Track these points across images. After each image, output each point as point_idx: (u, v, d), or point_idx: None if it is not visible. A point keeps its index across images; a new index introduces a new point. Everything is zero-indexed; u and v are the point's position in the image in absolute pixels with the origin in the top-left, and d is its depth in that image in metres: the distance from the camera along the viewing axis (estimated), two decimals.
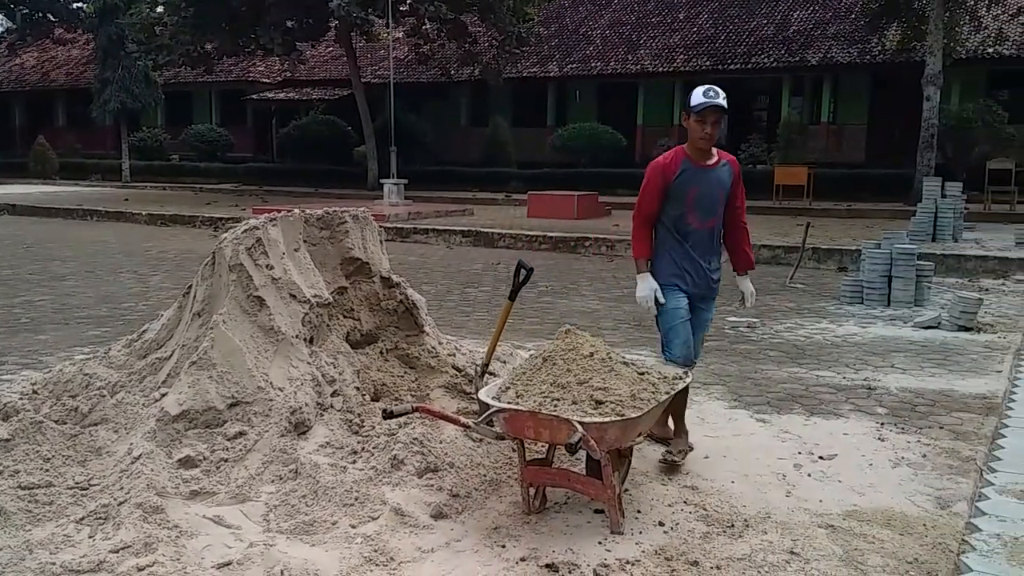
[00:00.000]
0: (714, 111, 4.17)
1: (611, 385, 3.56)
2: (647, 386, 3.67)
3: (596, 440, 3.32)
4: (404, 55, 28.07)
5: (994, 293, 9.73)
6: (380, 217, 16.39)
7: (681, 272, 4.38)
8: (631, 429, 3.49)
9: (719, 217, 4.43)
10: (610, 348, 3.91)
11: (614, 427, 3.39)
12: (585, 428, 3.29)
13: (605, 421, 3.37)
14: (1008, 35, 22.42)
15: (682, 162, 4.32)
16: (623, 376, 3.66)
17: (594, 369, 3.63)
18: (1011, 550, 3.48)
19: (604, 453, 3.38)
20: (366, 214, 4.86)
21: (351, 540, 3.30)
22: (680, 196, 4.32)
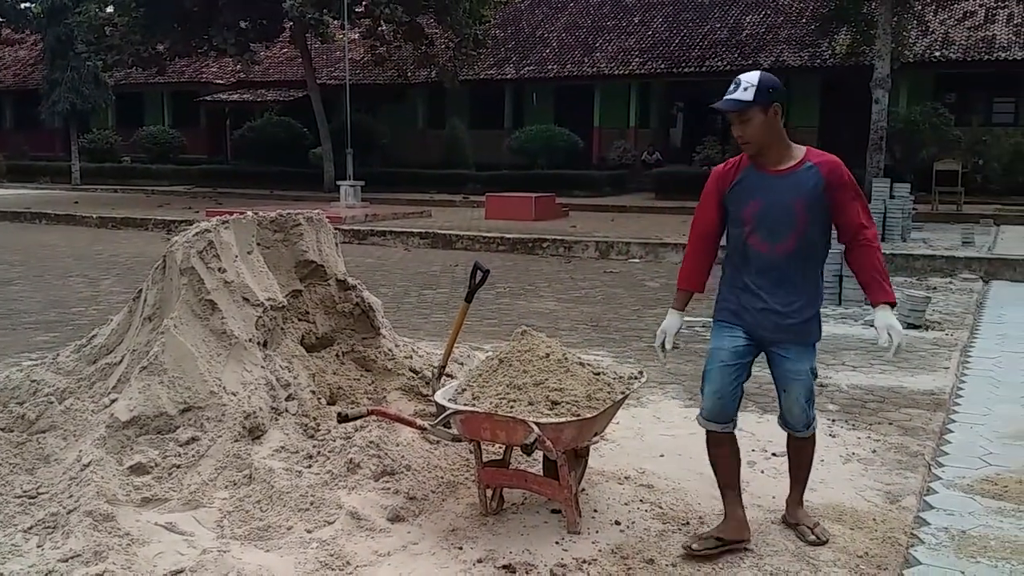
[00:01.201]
0: (729, 112, 3.34)
1: (567, 386, 3.57)
2: (602, 386, 3.69)
3: (552, 441, 3.33)
4: (360, 57, 27.92)
5: (941, 291, 9.95)
6: (336, 219, 16.27)
7: (737, 307, 3.49)
8: (587, 429, 3.50)
9: (803, 238, 3.35)
10: (566, 349, 3.93)
11: (570, 427, 3.40)
12: (541, 429, 3.30)
13: (561, 422, 3.38)
14: (954, 39, 22.98)
15: (745, 167, 3.44)
16: (579, 377, 3.67)
17: (550, 370, 3.64)
18: (958, 543, 3.57)
19: (560, 453, 3.40)
20: (321, 216, 4.83)
21: (306, 545, 3.27)
22: (737, 210, 3.43)
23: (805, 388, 3.49)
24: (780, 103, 3.33)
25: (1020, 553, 3.47)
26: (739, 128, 3.33)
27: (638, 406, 5.38)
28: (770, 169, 3.37)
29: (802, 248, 3.37)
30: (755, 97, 3.26)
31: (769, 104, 3.28)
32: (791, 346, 3.45)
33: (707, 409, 3.49)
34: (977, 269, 11.12)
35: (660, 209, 20.01)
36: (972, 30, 23.22)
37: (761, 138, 3.31)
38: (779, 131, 3.35)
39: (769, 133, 3.32)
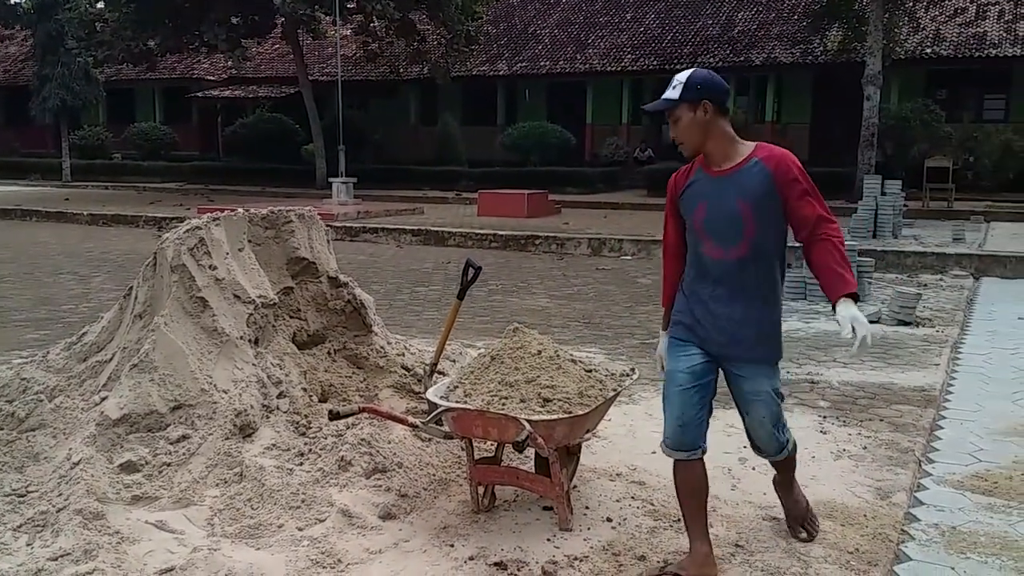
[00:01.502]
0: (664, 112, 3.14)
1: (559, 383, 3.57)
2: (594, 383, 3.70)
3: (544, 438, 3.32)
4: (352, 53, 27.86)
5: (932, 288, 9.98)
6: (329, 216, 16.24)
7: (691, 320, 3.23)
8: (579, 426, 3.50)
9: (755, 241, 3.09)
10: (558, 346, 3.93)
11: (562, 424, 3.40)
12: (533, 426, 3.30)
13: (553, 419, 3.38)
14: (946, 36, 23.03)
15: (696, 170, 3.21)
16: (570, 374, 3.68)
17: (542, 367, 3.65)
18: (949, 539, 3.58)
19: (552, 451, 3.40)
20: (312, 213, 4.81)
21: (297, 543, 3.27)
22: (688, 216, 3.21)
23: (769, 411, 3.22)
24: (714, 99, 3.07)
25: (1010, 549, 3.49)
26: (672, 129, 3.15)
27: (630, 403, 5.38)
28: (714, 170, 3.14)
29: (756, 253, 3.10)
30: (681, 95, 3.06)
31: (698, 101, 3.04)
32: (745, 364, 3.18)
33: (669, 437, 3.17)
34: (967, 266, 11.15)
35: (652, 206, 19.99)
36: (963, 27, 23.28)
37: (692, 137, 3.10)
38: (717, 129, 3.09)
39: (702, 132, 3.08)
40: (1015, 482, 4.18)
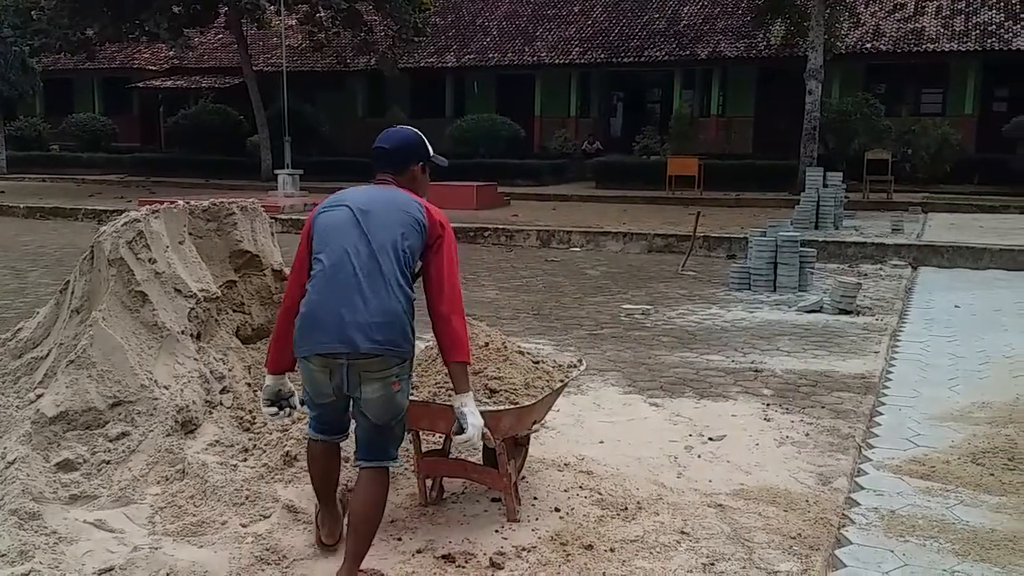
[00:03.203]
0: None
1: (505, 374, 3.59)
2: (541, 374, 3.72)
3: (491, 429, 3.27)
4: (298, 43, 27.44)
5: (872, 278, 10.21)
6: (275, 208, 16.02)
7: None
8: (525, 417, 3.52)
9: None
10: (506, 338, 3.93)
11: (508, 415, 3.41)
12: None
13: (499, 410, 3.39)
14: (885, 31, 23.53)
15: None
16: (517, 365, 3.70)
17: (488, 359, 3.66)
18: (888, 523, 3.67)
19: (500, 442, 3.40)
20: (255, 205, 4.73)
21: (241, 539, 3.22)
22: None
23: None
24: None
25: (947, 531, 3.58)
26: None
27: (578, 393, 5.41)
28: None
29: None
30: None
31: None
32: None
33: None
34: (906, 256, 11.41)
35: (601, 198, 20.12)
36: (902, 22, 23.79)
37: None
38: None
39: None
40: (952, 466, 4.30)
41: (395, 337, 2.83)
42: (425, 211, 3.02)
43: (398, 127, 3.34)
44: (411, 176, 3.18)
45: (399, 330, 2.84)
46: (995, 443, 4.59)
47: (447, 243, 3.01)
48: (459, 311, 2.99)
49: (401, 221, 2.94)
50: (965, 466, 4.29)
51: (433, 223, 3.00)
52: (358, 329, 2.78)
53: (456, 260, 3.05)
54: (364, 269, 2.83)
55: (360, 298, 2.80)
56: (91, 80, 32.44)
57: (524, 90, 27.35)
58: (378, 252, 2.85)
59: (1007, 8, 23.08)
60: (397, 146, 3.17)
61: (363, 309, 2.79)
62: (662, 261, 11.70)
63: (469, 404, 2.95)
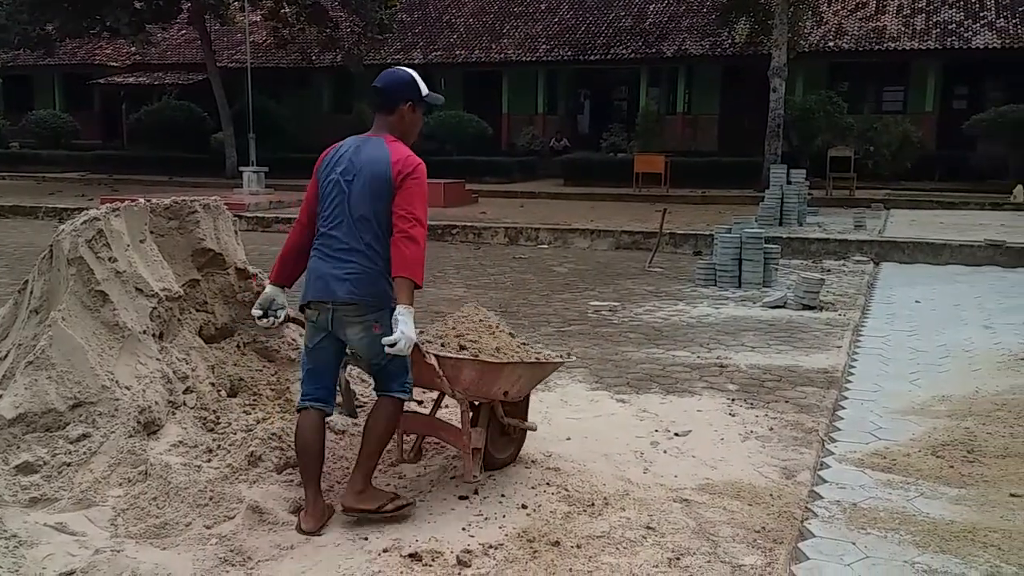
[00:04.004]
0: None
1: (483, 340, 3.85)
2: (517, 348, 3.93)
3: (451, 379, 3.54)
4: (262, 39, 27.20)
5: (835, 273, 10.34)
6: (239, 206, 15.87)
7: None
8: (488, 376, 3.62)
9: None
10: (501, 322, 4.18)
11: (469, 367, 3.57)
12: (440, 362, 3.51)
13: (459, 357, 3.58)
14: (847, 29, 23.82)
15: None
16: (499, 338, 3.93)
17: (475, 330, 3.94)
18: (850, 515, 3.72)
19: (461, 396, 3.59)
20: (218, 203, 4.68)
21: (205, 541, 3.19)
22: None
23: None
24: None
25: (907, 523, 3.64)
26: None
27: (545, 390, 5.42)
28: None
29: None
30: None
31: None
32: None
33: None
34: (868, 251, 11.57)
35: (568, 195, 20.18)
36: (864, 21, 24.11)
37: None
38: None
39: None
40: (912, 459, 4.36)
41: (369, 289, 3.36)
42: (391, 165, 3.41)
43: (396, 68, 3.69)
44: (400, 115, 3.55)
45: (372, 284, 3.37)
46: (954, 436, 4.67)
47: (408, 184, 3.40)
48: (412, 237, 3.33)
49: (373, 191, 3.40)
50: (925, 459, 4.36)
51: (397, 173, 3.39)
52: (339, 283, 3.37)
53: (418, 195, 3.41)
54: (347, 237, 3.41)
55: (343, 261, 3.39)
56: (51, 76, 31.91)
57: (491, 87, 27.33)
58: (357, 223, 3.39)
59: (967, 7, 23.48)
60: (386, 85, 3.55)
61: (344, 269, 3.38)
62: (629, 258, 11.76)
63: (404, 314, 3.23)
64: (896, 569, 3.24)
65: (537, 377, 4.01)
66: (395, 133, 3.54)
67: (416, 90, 3.55)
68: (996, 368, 6.06)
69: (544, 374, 4.09)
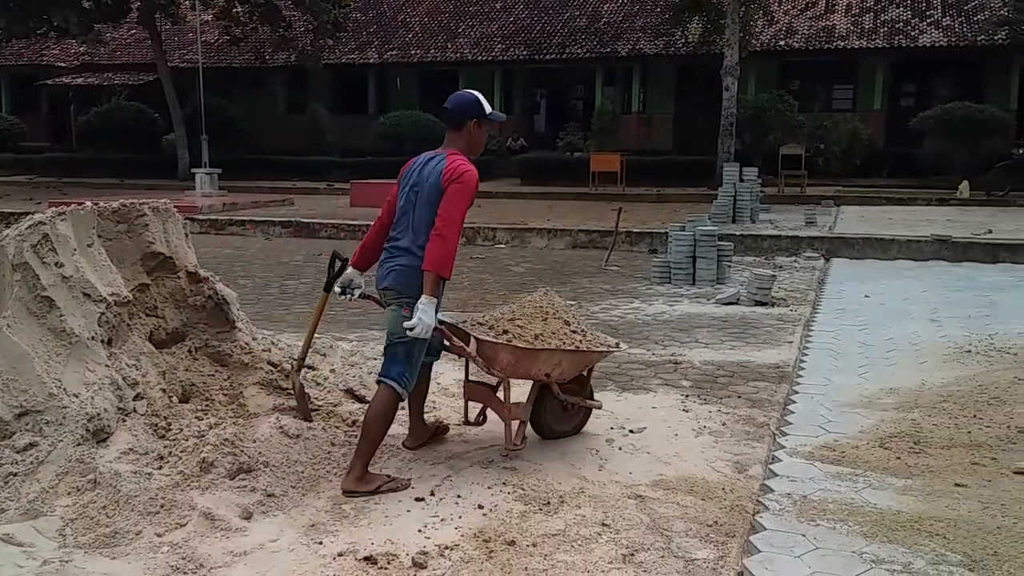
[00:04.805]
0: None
1: (528, 327, 4.19)
2: (562, 337, 4.22)
3: (488, 360, 4.07)
4: (215, 39, 26.87)
5: (787, 270, 10.50)
6: (192, 208, 15.67)
7: None
8: (524, 359, 4.08)
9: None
10: (567, 308, 4.53)
11: (504, 351, 4.04)
12: (478, 344, 4.08)
13: (495, 342, 4.06)
14: (797, 29, 24.20)
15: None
16: (548, 324, 4.27)
17: (529, 315, 4.31)
18: (800, 508, 3.78)
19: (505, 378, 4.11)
20: (168, 206, 4.63)
21: (156, 549, 3.15)
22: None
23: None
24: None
25: (856, 514, 3.71)
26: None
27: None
28: None
29: None
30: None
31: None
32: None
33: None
34: (819, 248, 11.77)
35: (525, 194, 20.23)
36: (813, 20, 24.51)
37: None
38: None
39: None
40: (861, 451, 4.46)
41: (406, 282, 3.87)
42: (443, 175, 3.87)
43: (463, 91, 4.17)
44: (467, 131, 4.05)
45: (410, 277, 3.85)
46: (901, 428, 4.78)
47: (452, 188, 3.83)
48: (443, 236, 3.77)
49: (430, 202, 3.88)
50: (873, 450, 4.46)
51: (446, 181, 3.85)
52: (388, 274, 3.95)
53: (459, 198, 3.84)
54: (406, 241, 3.93)
55: (397, 258, 3.94)
56: None
57: (448, 87, 27.19)
58: (416, 230, 3.91)
59: (914, 6, 23.99)
60: (454, 106, 4.07)
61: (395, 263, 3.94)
62: (586, 257, 11.82)
63: (424, 303, 3.71)
64: (844, 559, 3.31)
65: (581, 362, 4.36)
66: (461, 147, 4.02)
67: (480, 109, 4.03)
68: (942, 360, 6.21)
69: (589, 360, 4.43)
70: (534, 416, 4.36)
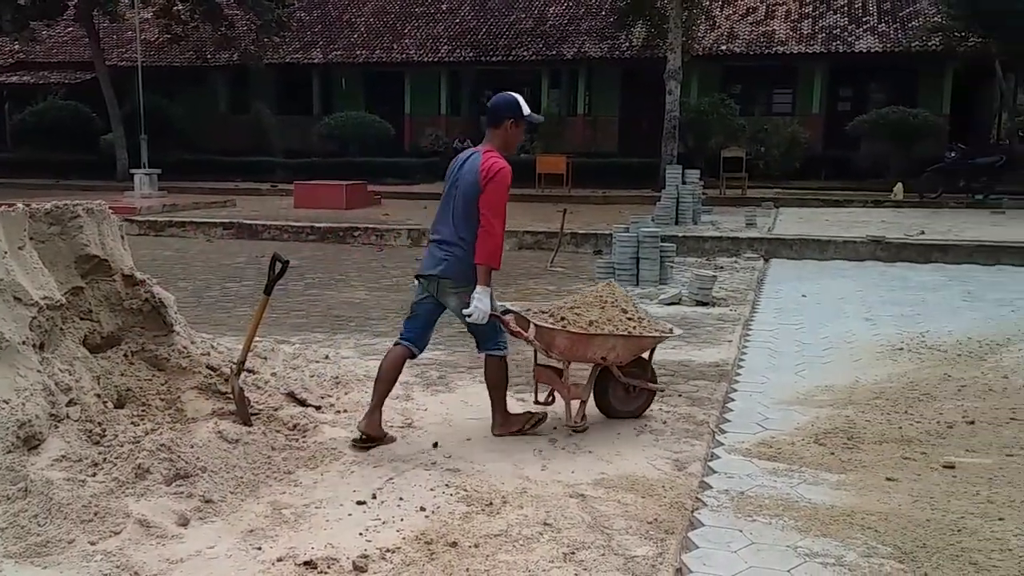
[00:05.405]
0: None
1: (584, 313, 4.65)
2: (618, 324, 4.61)
3: (547, 344, 4.58)
4: (155, 37, 26.35)
5: (728, 270, 10.67)
6: (131, 210, 15.37)
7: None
8: (580, 344, 4.52)
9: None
10: (625, 296, 4.89)
11: (560, 336, 4.52)
12: (537, 330, 4.57)
13: (552, 328, 4.53)
14: (739, 34, 24.60)
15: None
16: (605, 311, 4.68)
17: (588, 304, 4.72)
18: (738, 504, 3.86)
19: (564, 361, 4.57)
20: (103, 207, 4.54)
21: (89, 558, 3.09)
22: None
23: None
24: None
25: (791, 509, 3.80)
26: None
27: (446, 392, 5.45)
28: None
29: None
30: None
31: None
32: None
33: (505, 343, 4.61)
34: (759, 248, 11.98)
35: None
36: (754, 25, 24.93)
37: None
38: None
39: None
40: (796, 447, 4.56)
41: (456, 270, 4.35)
42: (479, 173, 4.32)
43: (504, 92, 4.58)
44: (504, 129, 4.47)
45: (458, 266, 4.34)
46: (836, 424, 4.90)
47: (489, 186, 4.30)
48: (489, 232, 4.28)
49: (467, 197, 4.35)
50: (808, 447, 4.56)
51: (482, 178, 4.31)
52: (437, 264, 4.41)
53: (497, 195, 4.32)
54: (448, 234, 4.42)
55: (443, 249, 4.42)
56: None
57: (394, 88, 27.15)
58: (456, 222, 4.38)
59: (850, 12, 24.56)
60: (495, 105, 4.50)
61: (443, 254, 4.41)
62: (532, 258, 11.87)
63: (480, 293, 4.25)
64: (780, 554, 3.39)
65: (635, 347, 4.72)
66: (497, 144, 4.46)
67: (518, 110, 4.44)
68: (875, 358, 6.38)
69: (643, 345, 4.78)
70: (600, 398, 4.80)
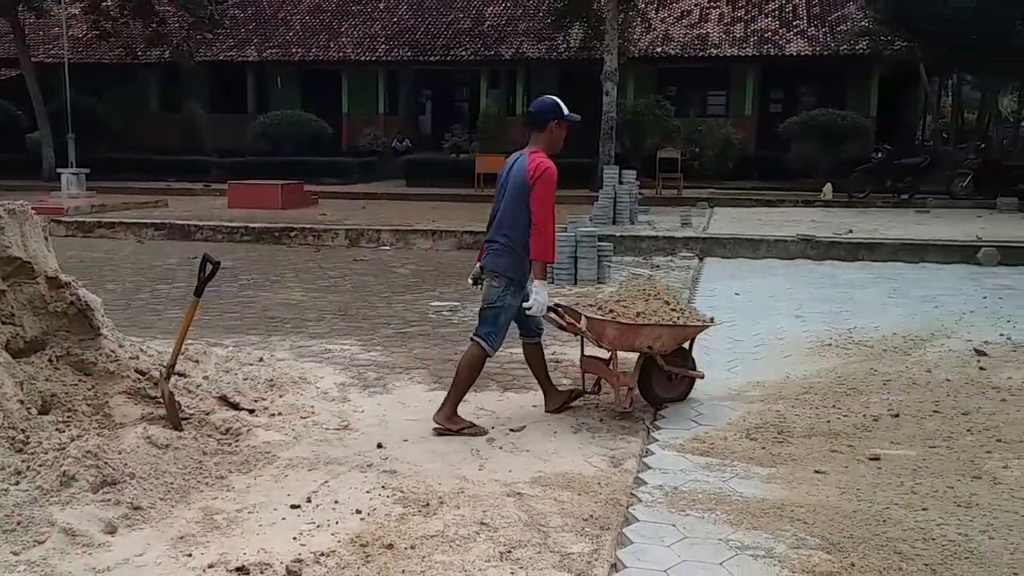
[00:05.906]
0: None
1: (631, 305, 4.99)
2: (662, 315, 4.94)
3: (598, 335, 4.89)
4: (83, 33, 25.65)
5: (663, 269, 10.82)
6: (58, 211, 14.93)
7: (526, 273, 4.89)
8: (628, 333, 4.83)
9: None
10: (668, 289, 5.34)
11: (610, 327, 4.83)
12: (588, 321, 4.86)
13: (602, 319, 4.87)
14: (674, 36, 24.97)
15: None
16: (649, 303, 5.03)
17: (633, 297, 5.10)
18: (671, 499, 3.92)
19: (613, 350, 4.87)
20: (25, 207, 4.40)
21: (12, 569, 2.99)
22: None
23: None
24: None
25: (723, 503, 3.87)
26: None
27: (383, 393, 5.42)
28: None
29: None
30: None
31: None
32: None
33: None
34: (694, 248, 12.16)
35: (410, 196, 20.15)
36: (688, 28, 25.33)
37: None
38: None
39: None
40: (729, 442, 4.64)
41: (497, 263, 4.74)
42: (527, 172, 4.63)
43: (543, 96, 4.89)
44: (549, 131, 4.76)
45: (499, 258, 4.73)
46: (767, 419, 5.01)
47: (537, 185, 4.61)
48: (541, 230, 4.58)
49: (514, 197, 4.69)
50: (740, 441, 4.65)
51: (530, 177, 4.61)
52: (485, 257, 4.83)
53: (545, 194, 4.60)
54: (495, 233, 4.80)
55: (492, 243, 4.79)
56: None
57: (330, 87, 26.87)
58: (502, 221, 4.75)
59: (781, 16, 25.11)
60: (538, 110, 4.80)
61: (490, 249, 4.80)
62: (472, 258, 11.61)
63: (538, 287, 4.63)
64: (712, 547, 3.45)
65: (679, 336, 5.02)
66: (543, 145, 4.73)
67: (560, 111, 4.75)
68: (805, 354, 6.53)
69: (686, 334, 5.09)
70: (644, 385, 5.08)
